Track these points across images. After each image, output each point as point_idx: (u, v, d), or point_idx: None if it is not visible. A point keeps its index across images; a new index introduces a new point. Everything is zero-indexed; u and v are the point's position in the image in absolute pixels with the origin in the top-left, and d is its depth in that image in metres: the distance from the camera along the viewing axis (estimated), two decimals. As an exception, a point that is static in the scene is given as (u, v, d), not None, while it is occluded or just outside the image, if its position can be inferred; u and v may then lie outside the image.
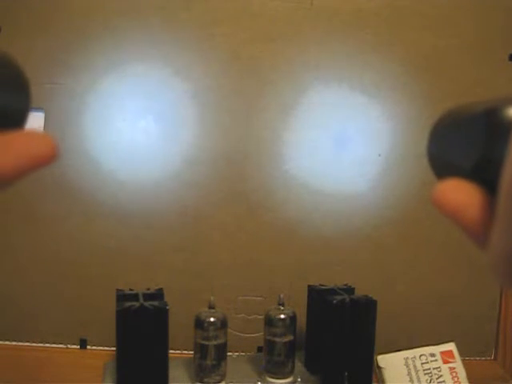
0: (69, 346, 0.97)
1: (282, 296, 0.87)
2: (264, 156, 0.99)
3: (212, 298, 0.84)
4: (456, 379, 0.86)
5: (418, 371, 0.87)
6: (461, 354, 0.88)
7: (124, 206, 0.96)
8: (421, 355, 0.88)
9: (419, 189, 1.02)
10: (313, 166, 1.00)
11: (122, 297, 0.80)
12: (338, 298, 0.83)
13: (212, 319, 0.82)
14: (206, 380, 0.82)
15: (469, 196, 0.23)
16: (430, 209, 1.03)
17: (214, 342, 0.81)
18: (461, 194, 0.23)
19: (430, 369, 0.87)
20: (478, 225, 0.23)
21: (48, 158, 0.24)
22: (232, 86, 0.98)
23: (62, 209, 0.95)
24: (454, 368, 0.87)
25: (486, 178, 0.23)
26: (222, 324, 0.82)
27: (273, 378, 0.85)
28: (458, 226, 0.24)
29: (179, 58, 0.96)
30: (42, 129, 0.94)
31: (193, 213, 0.98)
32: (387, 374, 0.87)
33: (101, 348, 0.97)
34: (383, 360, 0.88)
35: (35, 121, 0.93)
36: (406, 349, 0.89)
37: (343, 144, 1.01)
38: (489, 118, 0.23)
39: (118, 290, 0.83)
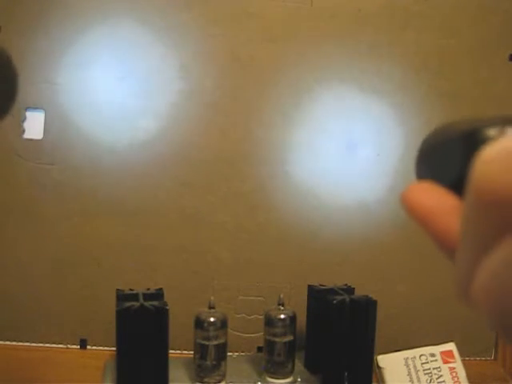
0: (69, 346, 0.97)
1: (281, 296, 0.87)
2: (263, 156, 0.99)
3: (212, 298, 0.84)
4: (456, 379, 0.86)
5: (418, 371, 0.87)
6: (461, 354, 0.88)
7: (124, 206, 0.96)
8: (421, 355, 0.88)
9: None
10: (312, 166, 1.00)
11: (121, 297, 0.80)
12: (338, 298, 0.83)
13: (212, 319, 0.82)
14: (206, 380, 0.82)
15: (443, 200, 0.21)
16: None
17: (214, 342, 0.81)
18: (434, 196, 0.21)
19: (430, 369, 0.87)
20: (448, 235, 0.20)
21: None
22: (231, 87, 0.98)
23: (62, 209, 0.95)
24: (454, 368, 0.87)
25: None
26: (222, 324, 0.82)
27: (273, 377, 0.85)
28: (426, 231, 0.21)
29: (179, 58, 0.96)
30: (41, 128, 0.94)
31: (193, 213, 0.98)
32: (387, 374, 0.87)
33: (101, 348, 0.97)
34: (383, 360, 0.88)
35: (35, 121, 0.93)
36: (406, 349, 0.89)
37: (342, 144, 1.01)
38: (464, 140, 0.22)
39: (118, 290, 0.82)
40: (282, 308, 0.86)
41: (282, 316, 0.85)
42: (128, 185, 0.96)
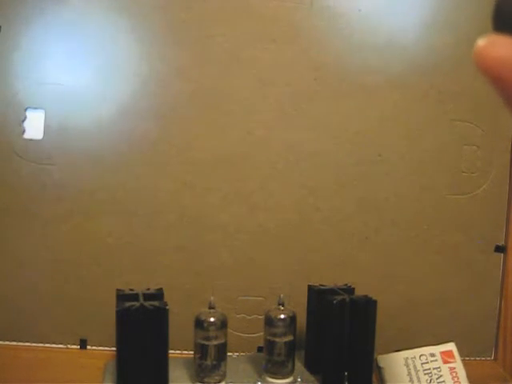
0: (69, 346, 0.97)
1: (282, 296, 0.87)
2: (264, 156, 0.99)
3: (212, 298, 0.84)
4: (456, 379, 0.86)
5: (417, 371, 0.87)
6: (461, 354, 0.88)
7: (124, 206, 0.96)
8: (421, 355, 0.88)
9: (419, 189, 1.02)
10: (312, 166, 1.00)
11: (122, 297, 0.80)
12: (338, 298, 0.83)
13: (212, 319, 0.82)
14: (206, 380, 0.82)
15: None
16: (429, 209, 1.03)
17: (214, 342, 0.81)
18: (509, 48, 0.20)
19: (429, 369, 0.87)
20: None
21: None
22: (232, 87, 0.98)
23: (62, 209, 0.95)
24: (454, 368, 0.87)
25: None
26: (222, 324, 0.82)
27: (273, 378, 0.85)
28: (495, 85, 0.21)
29: (179, 58, 0.96)
30: (41, 128, 0.94)
31: (193, 213, 0.98)
32: (387, 374, 0.87)
33: (101, 348, 0.97)
34: (383, 360, 0.88)
35: (35, 121, 0.93)
36: (406, 349, 0.89)
37: (343, 145, 1.01)
38: None
39: (118, 290, 0.82)
40: (282, 308, 0.86)
41: (282, 316, 0.85)
42: (128, 185, 0.96)
